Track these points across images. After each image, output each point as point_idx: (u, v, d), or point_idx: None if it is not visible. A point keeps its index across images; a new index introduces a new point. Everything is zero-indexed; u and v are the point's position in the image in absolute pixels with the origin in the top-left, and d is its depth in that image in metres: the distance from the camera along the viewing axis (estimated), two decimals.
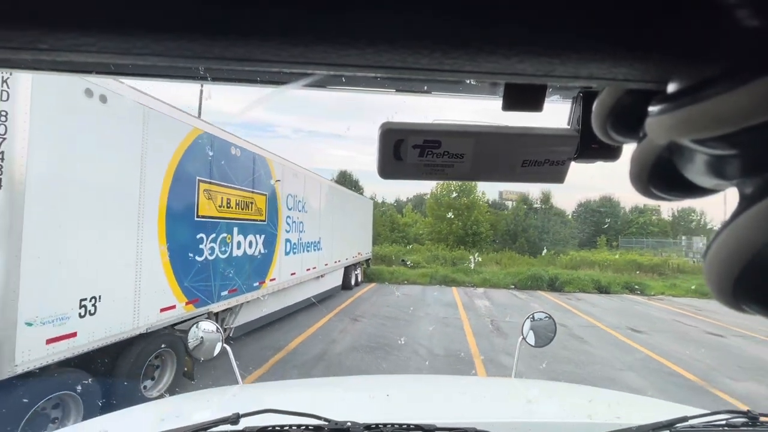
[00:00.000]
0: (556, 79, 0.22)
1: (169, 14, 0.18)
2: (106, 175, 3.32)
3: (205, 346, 1.64)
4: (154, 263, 3.89)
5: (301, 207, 7.80)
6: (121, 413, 1.44)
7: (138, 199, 3.67)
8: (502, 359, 6.00)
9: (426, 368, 5.46)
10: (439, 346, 6.58)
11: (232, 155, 5.32)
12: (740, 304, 0.19)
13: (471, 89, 0.37)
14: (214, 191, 4.90)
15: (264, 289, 6.29)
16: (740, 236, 0.19)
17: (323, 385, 2.02)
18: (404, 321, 8.37)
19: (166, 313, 4.08)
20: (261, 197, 6.14)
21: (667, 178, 0.25)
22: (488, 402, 1.59)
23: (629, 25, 0.19)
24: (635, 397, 1.76)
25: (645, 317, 9.80)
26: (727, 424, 1.01)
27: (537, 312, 1.93)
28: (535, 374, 5.28)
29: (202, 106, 11.76)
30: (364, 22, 0.18)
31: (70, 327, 3.00)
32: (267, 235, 6.33)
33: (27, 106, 2.64)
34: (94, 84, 3.15)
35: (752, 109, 0.17)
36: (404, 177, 0.39)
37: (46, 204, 2.80)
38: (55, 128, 2.85)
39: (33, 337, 2.73)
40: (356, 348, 6.29)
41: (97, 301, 3.23)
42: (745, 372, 5.67)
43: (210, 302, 4.84)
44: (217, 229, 4.97)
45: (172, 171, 4.14)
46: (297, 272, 7.63)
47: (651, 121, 0.22)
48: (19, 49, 0.20)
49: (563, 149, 0.38)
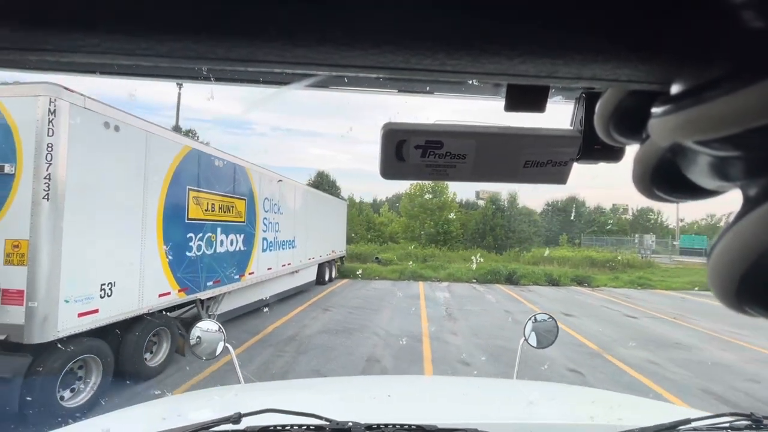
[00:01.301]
0: (558, 80, 0.22)
1: (173, 15, 0.18)
2: (119, 188, 4.25)
3: (208, 345, 1.63)
4: (154, 257, 4.82)
5: (276, 209, 8.75)
6: (122, 412, 1.45)
7: (142, 206, 4.60)
8: (446, 338, 7.17)
9: (380, 344, 6.56)
10: (397, 328, 7.69)
11: (215, 166, 6.26)
12: (743, 307, 0.19)
13: (473, 90, 0.37)
14: (201, 197, 5.84)
15: (244, 281, 7.24)
16: (744, 238, 0.19)
17: (325, 386, 2.02)
18: (370, 310, 9.46)
19: (163, 298, 5.01)
20: (241, 201, 7.09)
21: (670, 180, 0.25)
22: (490, 403, 1.58)
23: (633, 27, 0.19)
24: (637, 399, 1.74)
25: (580, 304, 11.26)
26: (730, 426, 1.00)
27: (539, 314, 1.89)
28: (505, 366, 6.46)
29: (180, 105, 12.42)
30: (368, 24, 0.18)
31: (93, 305, 3.93)
32: (246, 235, 7.28)
33: (66, 138, 3.57)
34: (110, 117, 4.08)
35: (756, 110, 0.17)
36: (406, 177, 0.39)
37: (77, 212, 3.72)
38: (83, 154, 3.77)
39: (69, 311, 3.65)
40: (324, 331, 7.33)
41: (113, 286, 4.16)
42: (636, 342, 7.04)
43: (198, 291, 5.78)
44: (204, 229, 5.91)
45: (168, 182, 5.07)
46: (273, 267, 8.59)
47: (654, 123, 0.22)
48: (23, 50, 0.20)
49: (566, 150, 0.38)
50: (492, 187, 34.92)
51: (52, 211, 3.50)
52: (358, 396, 1.63)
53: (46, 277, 3.47)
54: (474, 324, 8.34)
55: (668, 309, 10.74)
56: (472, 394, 1.68)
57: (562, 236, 30.44)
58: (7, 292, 3.41)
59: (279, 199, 8.89)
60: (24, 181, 3.47)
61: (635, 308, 10.87)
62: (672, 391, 4.86)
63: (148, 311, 4.72)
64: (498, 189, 32.39)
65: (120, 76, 0.34)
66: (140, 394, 4.36)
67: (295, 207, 10.01)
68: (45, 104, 3.46)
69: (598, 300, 12.15)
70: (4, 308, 3.40)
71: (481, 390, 1.85)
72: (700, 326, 8.68)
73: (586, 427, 1.20)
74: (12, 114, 3.49)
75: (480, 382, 2.67)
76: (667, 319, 9.40)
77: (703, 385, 5.08)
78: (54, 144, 3.51)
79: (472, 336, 7.29)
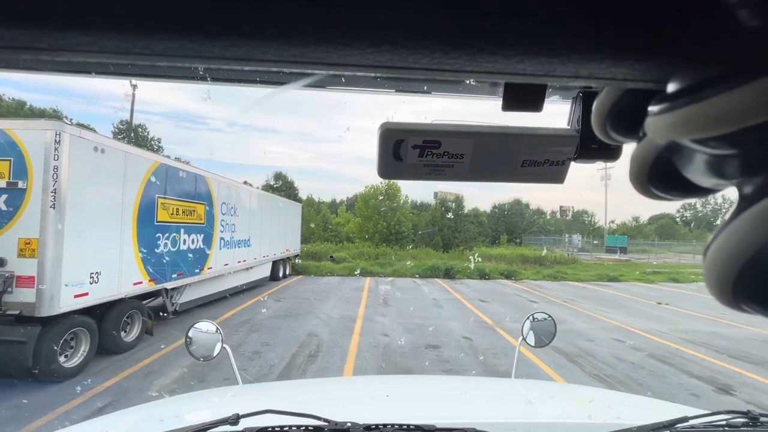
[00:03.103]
0: (556, 78, 0.22)
1: (169, 14, 0.18)
2: (104, 197, 5.39)
3: (205, 346, 1.61)
4: (130, 253, 5.97)
5: (233, 212, 9.92)
6: (120, 413, 1.46)
7: (121, 212, 5.74)
8: (376, 318, 8.74)
9: (321, 324, 8.01)
10: (337, 313, 9.17)
11: (180, 177, 7.41)
12: (740, 304, 0.19)
13: (471, 89, 0.37)
14: (168, 203, 6.99)
15: (203, 275, 8.39)
16: (740, 236, 0.19)
17: (323, 386, 2.01)
18: (316, 300, 10.87)
19: (137, 286, 6.16)
20: (201, 206, 8.25)
21: (666, 178, 0.25)
22: (488, 402, 1.58)
23: (630, 25, 0.19)
24: (635, 398, 1.74)
25: (497, 293, 13.34)
26: (727, 424, 1.00)
27: (537, 312, 1.88)
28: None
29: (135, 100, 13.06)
30: (365, 23, 0.18)
31: (85, 289, 5.07)
32: (206, 235, 8.44)
33: (67, 161, 4.71)
34: (98, 143, 5.23)
35: (752, 109, 0.17)
36: (404, 177, 0.39)
37: (74, 217, 4.85)
38: (79, 172, 4.91)
39: (68, 293, 4.79)
40: (274, 316, 8.66)
41: (99, 275, 5.30)
42: None
43: (164, 281, 6.93)
44: (170, 230, 7.06)
45: (141, 192, 6.21)
46: (229, 264, 9.75)
47: (651, 121, 0.22)
48: (18, 49, 0.20)
49: (563, 149, 0.38)
50: (450, 188, 37.36)
51: (56, 217, 4.63)
52: (356, 396, 1.63)
53: (51, 267, 4.60)
54: (402, 308, 10.01)
55: (566, 295, 13.08)
56: (471, 394, 1.69)
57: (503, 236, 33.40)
58: (21, 278, 4.51)
59: (235, 203, 10.05)
60: (34, 194, 4.58)
61: (541, 295, 13.11)
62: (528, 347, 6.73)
63: (124, 296, 5.87)
64: (456, 190, 34.84)
65: (116, 76, 0.34)
66: (116, 364, 5.50)
67: (251, 210, 11.19)
68: (52, 135, 4.60)
69: (514, 290, 14.34)
70: (19, 290, 4.50)
71: (479, 389, 1.86)
72: (580, 307, 10.93)
73: (584, 426, 1.19)
74: (24, 143, 4.59)
75: (478, 381, 2.69)
76: (559, 303, 11.62)
77: (553, 344, 7.01)
78: (58, 166, 4.64)
79: (397, 317, 8.93)
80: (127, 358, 5.77)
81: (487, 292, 13.37)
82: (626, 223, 54.93)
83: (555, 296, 12.92)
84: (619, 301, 12.38)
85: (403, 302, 10.96)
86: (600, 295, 13.52)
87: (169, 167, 7.04)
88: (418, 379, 2.81)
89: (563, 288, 15.31)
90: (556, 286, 15.75)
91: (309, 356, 5.97)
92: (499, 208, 42.77)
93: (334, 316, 8.88)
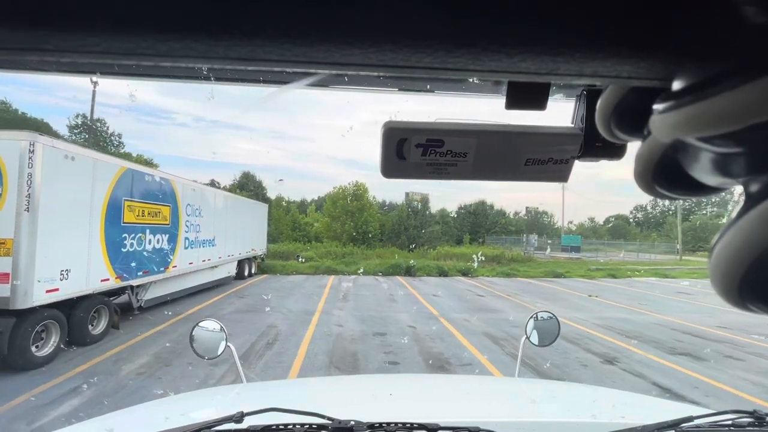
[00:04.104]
0: (560, 77, 0.22)
1: (173, 14, 0.18)
2: (74, 200, 5.88)
3: (209, 344, 1.60)
4: (98, 252, 6.45)
5: (198, 213, 10.40)
6: (125, 411, 1.48)
7: (89, 214, 6.23)
8: (333, 312, 9.53)
9: (281, 317, 8.70)
10: (297, 308, 9.87)
11: (146, 180, 7.89)
12: (746, 304, 0.19)
13: (474, 88, 0.37)
14: (134, 205, 7.47)
15: (168, 272, 8.88)
16: (746, 235, 0.18)
17: (327, 384, 2.02)
18: (279, 297, 11.50)
19: (104, 283, 6.64)
20: (166, 207, 8.73)
21: (672, 177, 0.25)
22: (492, 401, 1.58)
23: (633, 23, 0.18)
24: (640, 397, 1.73)
25: (451, 288, 14.45)
26: (733, 424, 1.00)
27: (541, 312, 1.89)
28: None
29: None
30: (368, 22, 0.18)
31: (56, 285, 5.56)
32: (170, 235, 8.91)
33: (40, 169, 5.19)
34: (69, 151, 5.72)
35: (759, 106, 0.17)
36: (407, 176, 0.39)
37: (47, 219, 5.34)
38: (51, 178, 5.40)
39: (40, 288, 5.28)
40: (237, 311, 9.26)
41: (69, 272, 5.79)
42: (468, 311, 10.07)
43: (130, 278, 7.41)
44: (136, 230, 7.54)
45: (108, 195, 6.70)
46: (194, 262, 10.23)
47: (656, 119, 0.22)
48: (24, 50, 0.20)
49: (567, 148, 0.38)
50: (421, 188, 38.49)
51: (30, 219, 5.12)
52: (360, 394, 1.64)
53: (25, 264, 5.08)
54: (360, 303, 10.85)
55: (512, 290, 14.36)
56: (474, 393, 1.70)
57: (465, 236, 34.98)
58: None
59: (200, 204, 10.54)
60: (9, 198, 5.05)
61: (489, 290, 14.33)
62: (463, 333, 7.74)
63: (92, 292, 6.36)
64: (427, 190, 36.00)
65: (120, 77, 0.34)
66: (84, 353, 5.98)
67: (216, 211, 11.66)
68: (26, 145, 5.08)
69: (467, 285, 15.52)
70: None
71: (482, 388, 1.87)
72: (520, 300, 12.18)
73: (588, 425, 1.19)
74: (0, 152, 5.05)
75: (482, 380, 2.62)
76: (504, 296, 12.85)
77: (485, 330, 8.07)
78: (32, 173, 5.13)
79: (353, 310, 9.76)
80: (95, 348, 6.26)
81: (440, 288, 14.44)
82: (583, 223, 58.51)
83: (501, 291, 14.17)
84: (557, 294, 13.78)
85: (361, 298, 11.79)
86: (542, 289, 14.92)
87: (135, 172, 7.52)
88: (422, 378, 2.81)
89: (512, 284, 16.65)
90: (507, 282, 17.09)
91: (267, 344, 6.68)
92: (465, 208, 44.51)
93: (294, 310, 9.58)
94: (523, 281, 17.75)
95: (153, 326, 7.57)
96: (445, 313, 9.74)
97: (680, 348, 7.09)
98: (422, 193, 36.37)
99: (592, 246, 43.47)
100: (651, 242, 44.20)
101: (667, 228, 49.31)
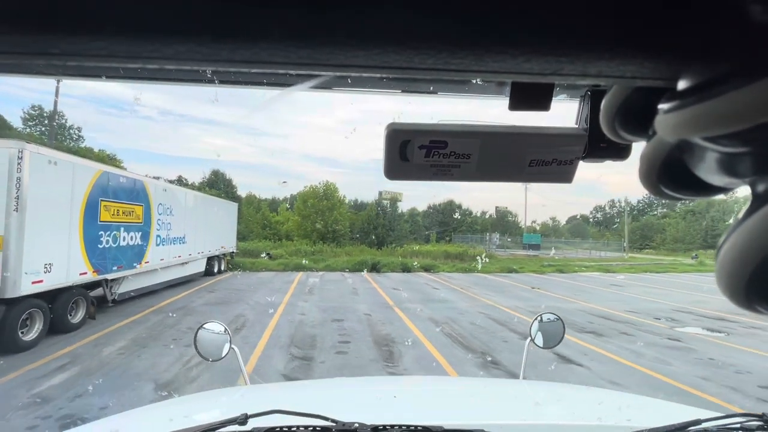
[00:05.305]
0: (564, 77, 0.22)
1: (178, 18, 0.18)
2: (56, 201, 6.51)
3: (213, 346, 1.61)
4: (77, 248, 7.08)
5: (169, 212, 11.00)
6: (130, 413, 1.49)
7: (69, 213, 6.85)
8: (298, 303, 10.42)
9: (248, 308, 9.51)
10: (264, 301, 10.68)
11: (120, 182, 8.50)
12: (753, 305, 0.19)
13: (477, 89, 0.37)
14: (110, 205, 8.09)
15: (141, 268, 9.49)
16: (753, 236, 0.18)
17: (330, 386, 2.08)
18: (247, 291, 12.24)
19: (82, 276, 7.27)
20: (139, 207, 9.34)
21: (677, 177, 0.25)
22: (496, 404, 1.58)
23: (639, 23, 0.18)
24: (646, 400, 1.70)
25: (411, 283, 15.63)
26: (741, 427, 0.99)
27: (545, 313, 1.90)
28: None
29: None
30: (371, 24, 0.19)
31: (40, 277, 6.19)
32: (143, 232, 9.52)
33: (27, 173, 5.83)
34: (52, 156, 6.35)
35: (765, 105, 0.17)
36: (411, 178, 0.40)
37: (33, 218, 5.98)
38: (37, 181, 6.03)
39: (27, 280, 5.92)
40: (206, 304, 9.98)
41: (52, 265, 6.42)
42: (421, 302, 11.23)
43: (106, 273, 8.03)
44: (111, 228, 8.16)
45: (87, 196, 7.32)
46: (165, 259, 10.83)
47: (661, 119, 0.22)
48: (31, 55, 0.20)
49: (571, 148, 0.38)
50: (394, 187, 39.41)
51: (19, 218, 5.75)
52: (363, 397, 1.65)
53: (14, 258, 5.71)
54: (323, 295, 11.79)
55: (466, 284, 15.71)
56: (478, 395, 1.71)
57: (432, 234, 36.50)
58: None
59: (171, 204, 11.13)
60: None
61: (446, 284, 15.61)
62: (412, 319, 8.85)
63: (72, 284, 6.98)
64: (400, 189, 37.00)
65: (126, 80, 0.35)
66: (66, 339, 6.62)
67: (186, 210, 12.25)
68: (15, 152, 5.71)
69: (426, 280, 16.76)
70: None
71: (487, 390, 1.87)
72: (473, 292, 13.49)
73: (593, 428, 1.19)
74: None
75: (486, 382, 2.61)
76: (457, 289, 14.14)
77: (431, 316, 9.22)
78: (20, 177, 5.76)
79: (317, 302, 10.69)
80: (75, 336, 6.89)
81: (402, 283, 15.59)
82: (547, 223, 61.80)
83: (456, 285, 15.48)
84: (505, 287, 15.24)
85: (326, 291, 12.73)
86: (494, 283, 16.37)
87: (110, 174, 8.14)
88: (426, 380, 2.84)
89: (468, 278, 18.05)
90: (464, 277, 18.48)
91: (235, 329, 7.50)
92: (434, 208, 46.20)
93: (261, 302, 10.40)
94: (479, 276, 19.20)
95: (127, 317, 8.22)
96: (400, 303, 10.84)
97: (589, 327, 8.50)
98: (393, 192, 37.40)
99: (552, 244, 46.22)
100: (605, 241, 47.44)
101: (619, 227, 53.03)
